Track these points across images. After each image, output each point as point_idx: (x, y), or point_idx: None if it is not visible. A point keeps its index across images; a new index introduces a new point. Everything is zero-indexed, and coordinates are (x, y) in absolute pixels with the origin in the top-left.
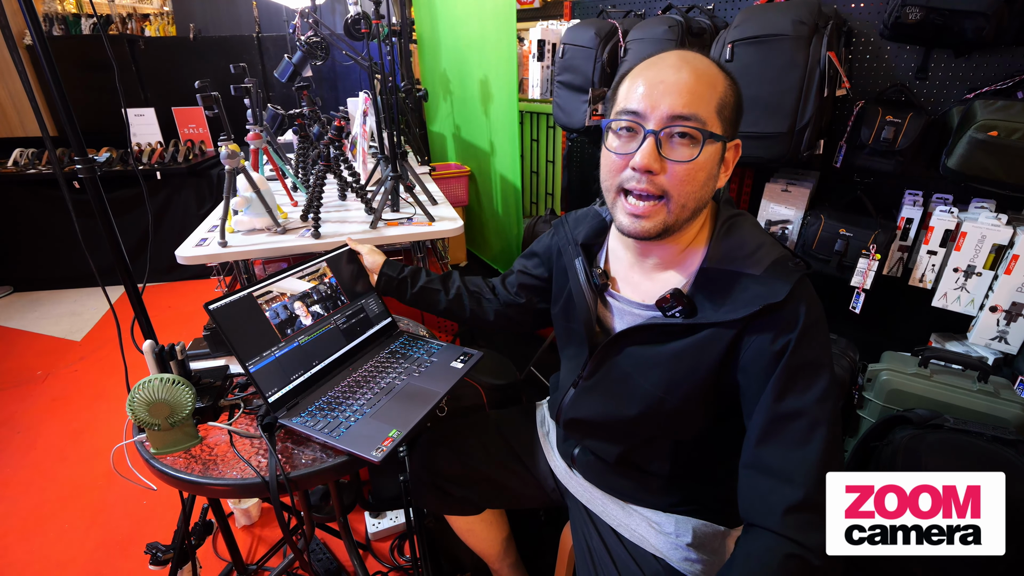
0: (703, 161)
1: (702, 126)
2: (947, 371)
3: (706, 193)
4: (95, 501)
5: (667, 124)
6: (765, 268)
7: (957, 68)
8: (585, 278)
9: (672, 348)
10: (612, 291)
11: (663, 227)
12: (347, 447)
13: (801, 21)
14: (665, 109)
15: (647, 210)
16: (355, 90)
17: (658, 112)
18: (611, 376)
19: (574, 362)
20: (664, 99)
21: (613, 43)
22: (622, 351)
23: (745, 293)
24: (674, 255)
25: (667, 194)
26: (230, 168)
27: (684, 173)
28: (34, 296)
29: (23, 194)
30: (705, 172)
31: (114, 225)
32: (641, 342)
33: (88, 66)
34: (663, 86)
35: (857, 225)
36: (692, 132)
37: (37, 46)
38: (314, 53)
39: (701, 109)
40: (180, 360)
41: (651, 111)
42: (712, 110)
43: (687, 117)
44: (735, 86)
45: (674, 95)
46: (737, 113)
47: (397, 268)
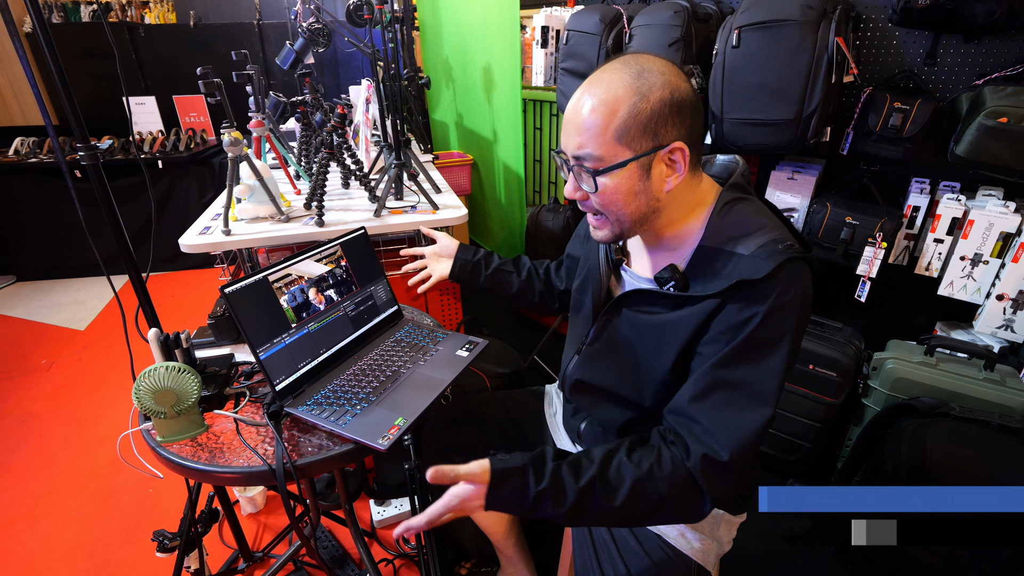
0: (610, 188)
1: (595, 163)
2: (953, 359)
3: (638, 205)
4: (101, 489)
5: (574, 162)
6: (755, 248)
7: (967, 54)
8: (605, 254)
9: (662, 318)
10: (625, 267)
11: (614, 236)
12: (354, 435)
13: (809, 6)
14: (570, 149)
15: (597, 223)
16: (357, 77)
17: (568, 151)
18: (614, 340)
19: (580, 331)
20: (568, 139)
21: (618, 29)
22: (621, 314)
23: (731, 270)
24: (668, 239)
25: (602, 212)
26: (233, 156)
27: (598, 199)
28: (37, 285)
29: (25, 183)
30: (620, 194)
31: (117, 213)
32: (636, 306)
33: (87, 54)
34: (568, 126)
35: (863, 213)
36: (585, 169)
37: (39, 33)
38: (316, 40)
39: (593, 146)
40: (185, 348)
41: (565, 149)
42: (608, 140)
43: (580, 157)
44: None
45: (570, 135)
46: (660, 120)
47: (471, 251)
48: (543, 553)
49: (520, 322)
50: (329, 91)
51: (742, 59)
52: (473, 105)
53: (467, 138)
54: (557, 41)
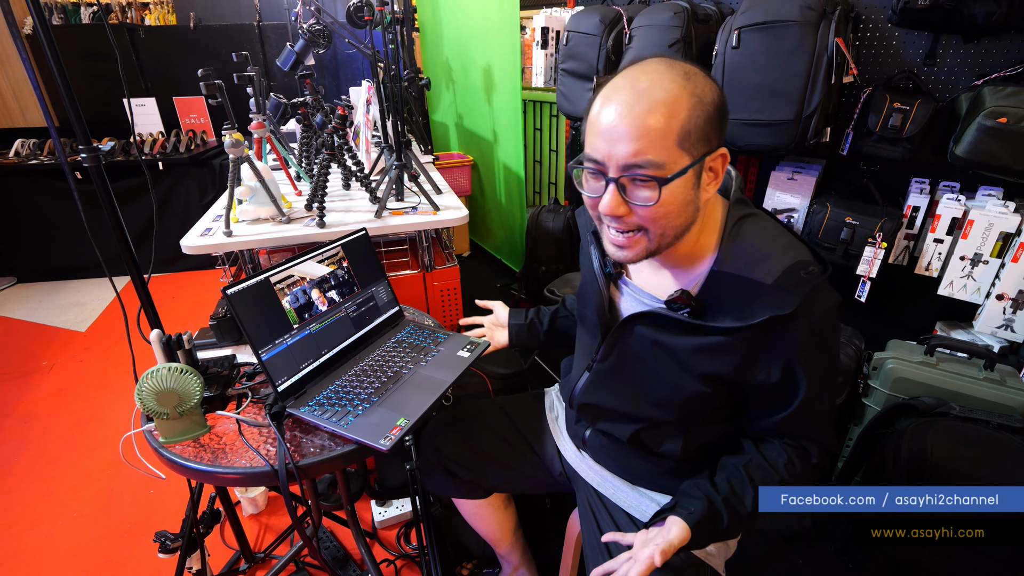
0: (667, 199)
1: (658, 171)
2: (953, 359)
3: (685, 217)
4: (103, 490)
5: (624, 172)
6: (776, 276)
7: (966, 54)
8: (599, 265)
9: (684, 341)
10: (626, 278)
11: (646, 254)
12: (355, 436)
13: (809, 7)
14: (621, 156)
15: (628, 241)
16: (357, 79)
17: (615, 160)
18: (626, 359)
19: (588, 347)
20: (618, 145)
21: (618, 30)
22: (634, 333)
23: (754, 302)
24: (679, 258)
25: (643, 228)
26: (234, 157)
27: (651, 213)
28: (38, 287)
29: (25, 185)
30: (675, 205)
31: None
32: (652, 326)
33: (87, 55)
34: (616, 131)
35: (863, 213)
36: (649, 178)
37: (40, 34)
38: (316, 41)
39: (655, 152)
40: (187, 349)
41: (609, 159)
42: (671, 145)
43: (641, 165)
44: (709, 94)
45: (626, 142)
46: (714, 124)
47: (521, 314)
48: (544, 555)
49: None
50: (329, 92)
51: (742, 60)
52: (473, 106)
53: (467, 139)
54: (557, 42)
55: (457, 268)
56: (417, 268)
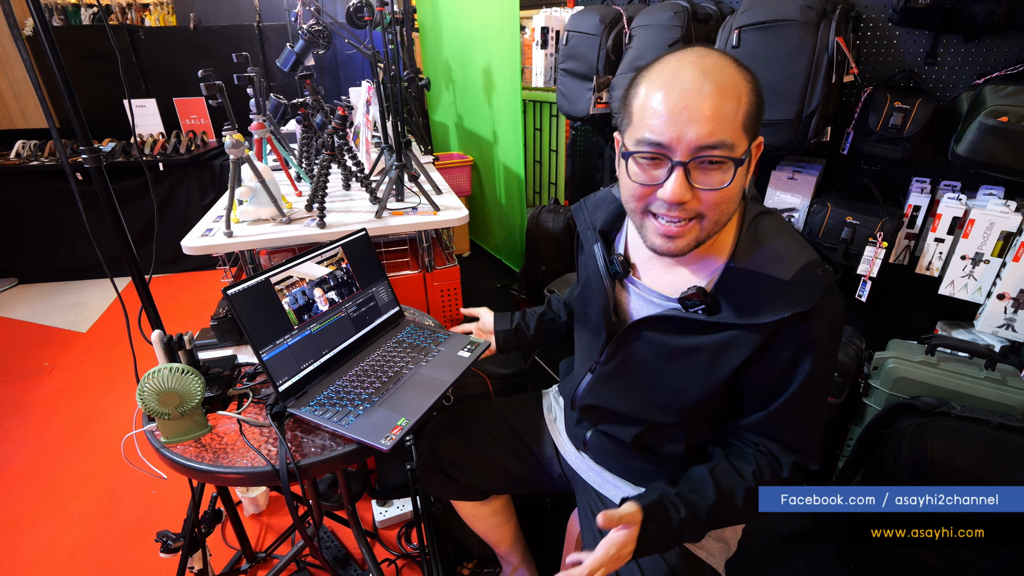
0: (735, 183)
1: (731, 152)
2: (954, 359)
3: (736, 203)
4: (105, 490)
5: (695, 155)
6: (793, 274)
7: (967, 53)
8: (604, 264)
9: (694, 342)
10: (632, 277)
11: (695, 243)
12: (356, 436)
13: (809, 6)
14: (692, 138)
15: (681, 230)
16: (357, 79)
17: (685, 142)
18: (630, 362)
19: (590, 348)
20: (690, 128)
21: (618, 30)
22: (641, 337)
23: (772, 298)
24: (697, 253)
25: (701, 215)
26: (235, 158)
27: (717, 196)
28: (39, 288)
29: (26, 186)
30: (736, 190)
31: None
32: (661, 330)
33: (88, 56)
34: (687, 112)
35: (864, 213)
36: (722, 159)
37: (41, 35)
38: (316, 42)
39: (728, 134)
40: (188, 350)
41: (677, 143)
42: (738, 128)
43: (715, 146)
44: (756, 82)
45: (700, 123)
46: (762, 112)
47: (506, 318)
48: (544, 556)
49: None
50: (329, 93)
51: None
52: (473, 106)
53: (467, 139)
54: (557, 42)
55: (457, 268)
56: (417, 268)
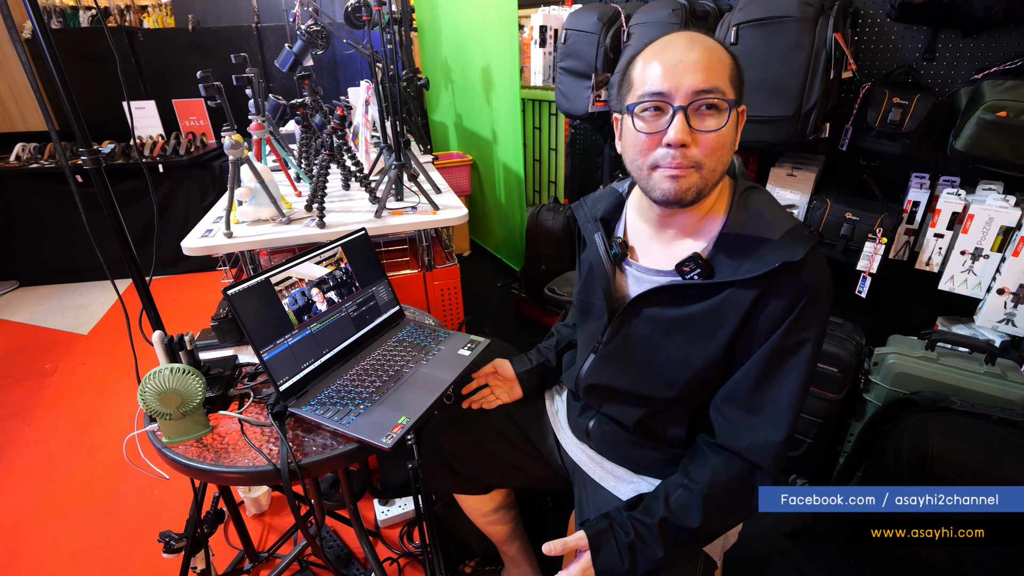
0: (727, 129)
1: (724, 96)
2: (954, 354)
3: (729, 157)
4: (107, 491)
5: (694, 99)
6: (783, 233)
7: (965, 48)
8: (604, 249)
9: (692, 310)
10: (630, 259)
11: (696, 192)
12: (357, 434)
13: (807, 2)
14: (689, 85)
15: (683, 172)
16: (356, 79)
17: (683, 89)
18: (632, 339)
19: (592, 331)
20: (686, 76)
21: (616, 28)
22: (640, 314)
23: (764, 254)
24: (694, 223)
25: (699, 163)
26: (234, 158)
27: (714, 141)
28: (40, 290)
29: (26, 188)
30: (730, 138)
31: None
32: (659, 304)
33: (86, 58)
34: (682, 64)
35: (863, 209)
36: (718, 103)
37: (40, 38)
38: (315, 42)
39: (720, 81)
40: (189, 350)
41: (676, 89)
42: (727, 80)
43: (710, 90)
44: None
45: (695, 71)
46: (742, 81)
47: (524, 361)
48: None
49: (521, 321)
50: (328, 93)
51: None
52: (472, 105)
53: (466, 138)
54: (555, 40)
55: (457, 267)
56: (417, 268)
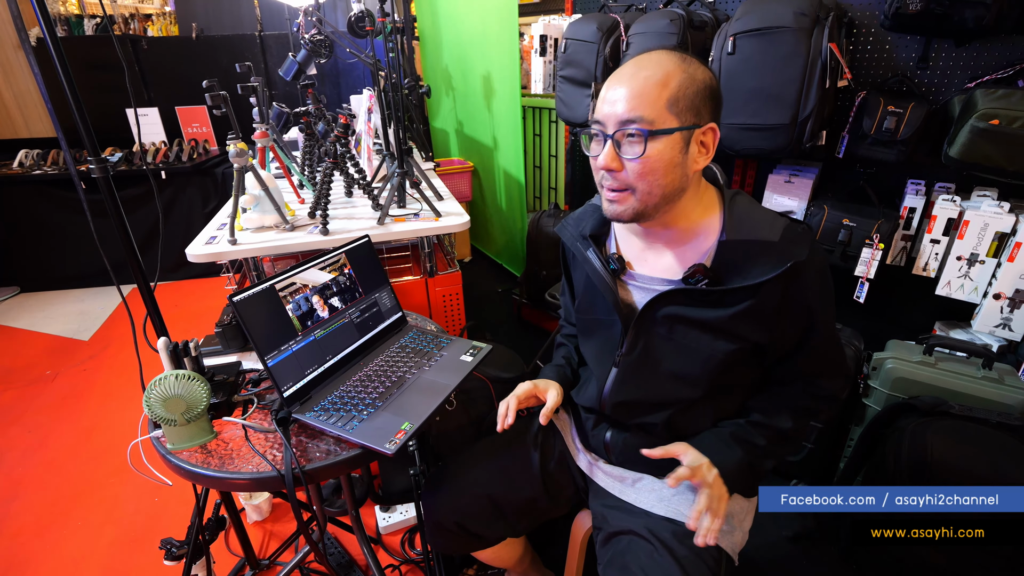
0: (654, 155)
1: (647, 126)
2: (952, 359)
3: (672, 179)
4: (108, 498)
5: (618, 128)
6: (781, 233)
7: (958, 57)
8: (601, 264)
9: (707, 314)
10: (630, 272)
11: (634, 212)
12: (361, 440)
13: (802, 12)
14: (616, 115)
15: (617, 198)
16: (357, 87)
17: (612, 119)
18: (652, 344)
19: (607, 346)
20: (615, 107)
21: (615, 37)
22: (656, 318)
23: (768, 257)
24: (682, 236)
25: (631, 186)
26: (239, 166)
27: (638, 167)
28: (41, 296)
29: (29, 195)
30: (661, 163)
31: (127, 224)
32: (675, 303)
33: (91, 66)
34: (614, 94)
35: (860, 215)
36: (636, 132)
37: (49, 46)
38: (318, 51)
39: (646, 111)
40: (194, 356)
41: (608, 118)
42: (661, 107)
43: (632, 120)
44: (699, 74)
45: (621, 102)
46: (703, 99)
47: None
48: (547, 556)
49: (523, 327)
50: (330, 101)
51: (737, 65)
52: (473, 113)
53: (467, 145)
54: (555, 49)
55: (459, 274)
56: (419, 274)
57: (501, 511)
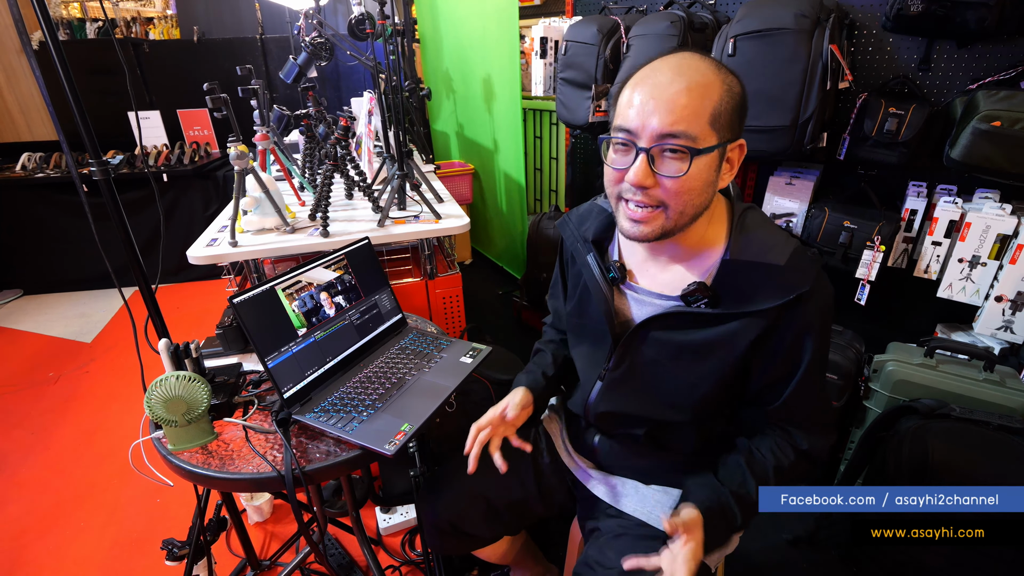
0: (694, 174)
1: (691, 143)
2: (953, 361)
3: (705, 198)
4: (110, 499)
5: (657, 142)
6: (787, 259)
7: (960, 59)
8: (600, 271)
9: (702, 336)
10: (630, 282)
11: (661, 232)
12: (360, 441)
13: (803, 14)
14: (655, 127)
15: (645, 216)
16: (358, 90)
17: (648, 130)
18: (640, 364)
19: (595, 356)
20: (653, 117)
21: (615, 39)
22: (648, 339)
23: (772, 283)
24: (688, 251)
25: (664, 204)
26: (240, 169)
27: (677, 186)
28: (43, 299)
29: (31, 198)
30: (700, 182)
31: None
32: (667, 328)
33: (93, 70)
34: (653, 103)
35: (861, 217)
36: (681, 148)
37: (52, 50)
38: (319, 54)
39: (690, 126)
40: (195, 358)
41: (642, 129)
42: (704, 123)
43: (675, 135)
44: (736, 86)
45: (663, 113)
46: (739, 114)
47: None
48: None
49: (523, 329)
50: (331, 103)
51: (738, 67)
52: (473, 115)
53: (468, 148)
54: (556, 52)
55: (459, 276)
56: (419, 276)
57: (495, 512)
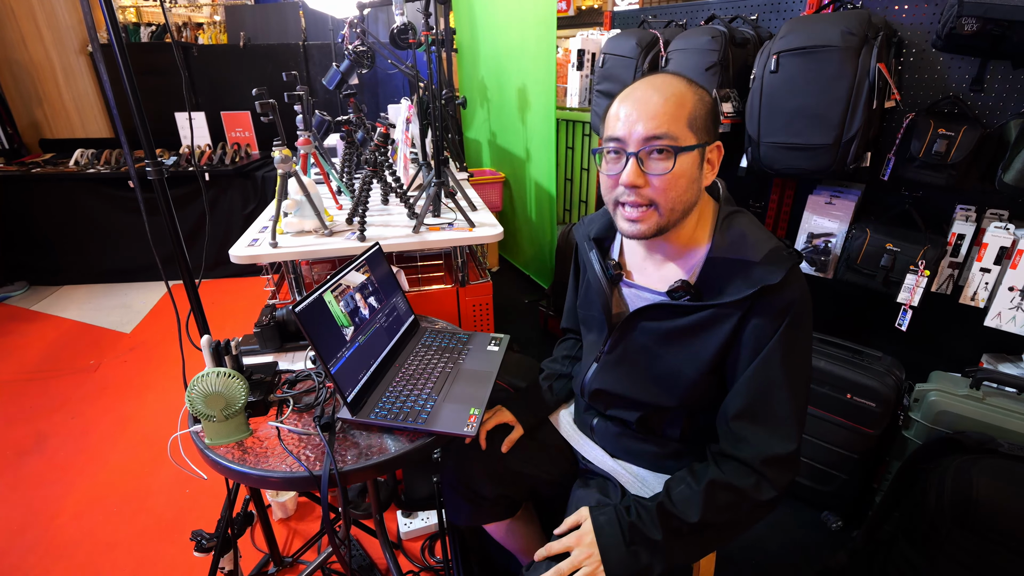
0: (679, 170)
1: (674, 142)
2: (1001, 394)
3: (691, 194)
4: (142, 487)
5: (643, 145)
6: (763, 255)
7: (1015, 80)
8: (600, 268)
9: (684, 322)
10: (627, 280)
11: (657, 228)
12: (439, 429)
13: (850, 32)
14: (641, 132)
15: (640, 215)
16: (395, 97)
17: (635, 136)
18: (631, 349)
19: (596, 342)
20: (639, 124)
21: (654, 53)
22: (638, 326)
23: (745, 277)
24: (678, 249)
25: (655, 202)
26: (283, 172)
27: (665, 183)
28: (87, 288)
29: (81, 192)
30: (685, 179)
31: (177, 223)
32: (654, 318)
33: (143, 71)
34: (636, 113)
35: (905, 240)
36: (665, 148)
37: (116, 53)
38: (361, 62)
39: (671, 128)
40: (234, 355)
41: (630, 136)
42: (683, 125)
43: (659, 137)
44: (706, 96)
45: (646, 120)
46: (712, 119)
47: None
48: None
49: (547, 338)
50: (368, 109)
51: (780, 84)
52: (507, 124)
53: (500, 156)
54: (592, 64)
55: (490, 284)
56: (451, 283)
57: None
